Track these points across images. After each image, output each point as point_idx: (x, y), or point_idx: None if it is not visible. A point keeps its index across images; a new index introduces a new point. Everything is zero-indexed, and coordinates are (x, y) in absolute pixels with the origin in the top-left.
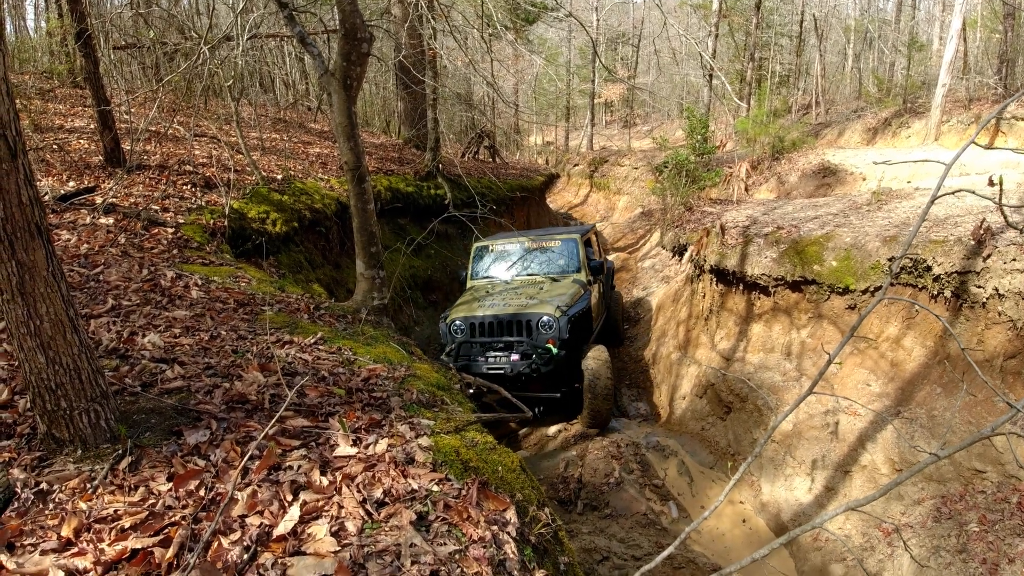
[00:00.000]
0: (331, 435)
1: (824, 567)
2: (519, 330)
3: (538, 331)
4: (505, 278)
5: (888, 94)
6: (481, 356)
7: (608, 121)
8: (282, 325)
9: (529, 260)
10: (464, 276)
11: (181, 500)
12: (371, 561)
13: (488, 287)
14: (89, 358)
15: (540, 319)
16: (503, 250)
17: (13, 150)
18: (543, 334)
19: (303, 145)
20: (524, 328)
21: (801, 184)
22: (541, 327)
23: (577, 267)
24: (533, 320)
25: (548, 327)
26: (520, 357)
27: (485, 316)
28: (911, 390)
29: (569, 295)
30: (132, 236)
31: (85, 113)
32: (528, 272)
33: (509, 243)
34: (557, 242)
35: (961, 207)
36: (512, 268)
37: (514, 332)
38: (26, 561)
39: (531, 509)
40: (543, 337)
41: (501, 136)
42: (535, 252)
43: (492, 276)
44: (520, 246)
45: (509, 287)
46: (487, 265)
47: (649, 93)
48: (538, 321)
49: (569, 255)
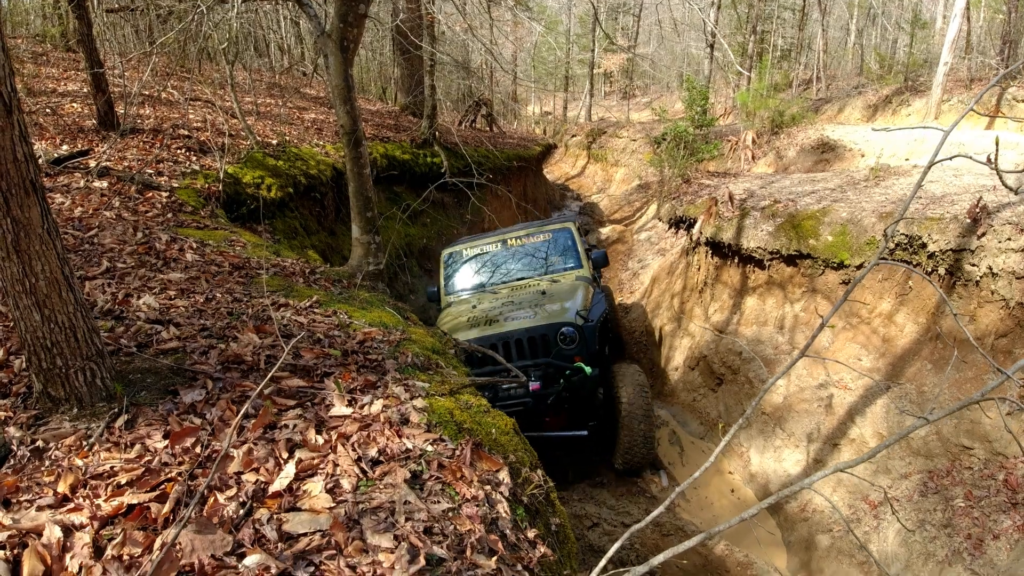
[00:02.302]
0: (327, 395)
1: (811, 537)
2: (532, 349)
3: (559, 347)
4: (490, 288)
5: (889, 71)
6: (490, 391)
7: (607, 92)
8: (277, 288)
9: (516, 261)
10: (434, 293)
11: (177, 457)
12: (365, 517)
13: (472, 301)
14: (84, 316)
15: (560, 332)
16: (481, 253)
17: (8, 106)
18: (566, 350)
19: (298, 111)
20: (539, 345)
21: (799, 159)
22: (563, 342)
23: (577, 261)
24: (551, 334)
25: (572, 341)
26: (542, 384)
27: (484, 337)
28: (902, 366)
29: (581, 297)
30: (126, 200)
31: (78, 77)
32: (518, 276)
33: (487, 243)
34: (547, 235)
35: (958, 186)
36: (497, 274)
37: (526, 353)
38: (22, 517)
39: (524, 471)
40: (566, 354)
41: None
42: (522, 250)
43: (471, 288)
44: (502, 244)
45: (500, 298)
46: (463, 276)
47: (650, 62)
48: (557, 334)
49: (565, 249)
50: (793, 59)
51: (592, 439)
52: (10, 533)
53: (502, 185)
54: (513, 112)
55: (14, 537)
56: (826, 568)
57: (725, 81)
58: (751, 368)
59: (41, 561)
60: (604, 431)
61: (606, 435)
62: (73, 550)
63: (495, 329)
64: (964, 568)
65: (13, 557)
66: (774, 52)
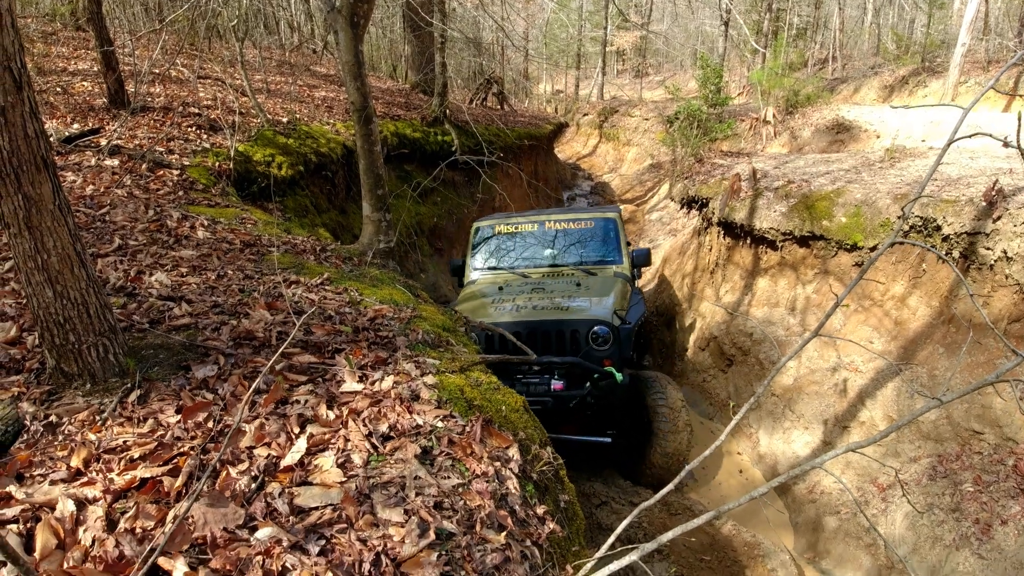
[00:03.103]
0: (337, 371)
1: (818, 519)
2: (559, 344)
3: (589, 346)
4: (520, 271)
5: (906, 52)
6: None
7: (620, 70)
8: (288, 266)
9: (552, 245)
10: (460, 265)
11: (190, 432)
12: (376, 492)
13: (499, 282)
14: (97, 292)
15: (591, 329)
16: (516, 232)
17: (18, 82)
18: (596, 351)
19: (308, 88)
20: (567, 341)
21: (814, 139)
22: (593, 341)
23: (617, 256)
24: (581, 330)
25: (604, 341)
26: (565, 384)
27: (508, 323)
28: (914, 349)
29: (618, 294)
30: (137, 178)
31: (88, 55)
32: (552, 262)
33: (524, 222)
34: (589, 223)
35: (974, 168)
36: (530, 257)
37: (552, 347)
38: (35, 491)
39: (533, 448)
40: (595, 355)
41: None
42: (560, 234)
43: (500, 267)
44: (539, 227)
45: (530, 283)
46: (494, 252)
47: (664, 40)
48: (588, 332)
49: (606, 240)
50: (809, 38)
51: (614, 448)
52: (23, 507)
53: (513, 164)
54: (524, 90)
55: (27, 511)
56: (833, 550)
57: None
58: (761, 349)
59: (54, 534)
60: (629, 442)
61: (631, 446)
62: (86, 523)
63: (521, 315)
64: (971, 553)
65: (26, 531)
66: (789, 31)
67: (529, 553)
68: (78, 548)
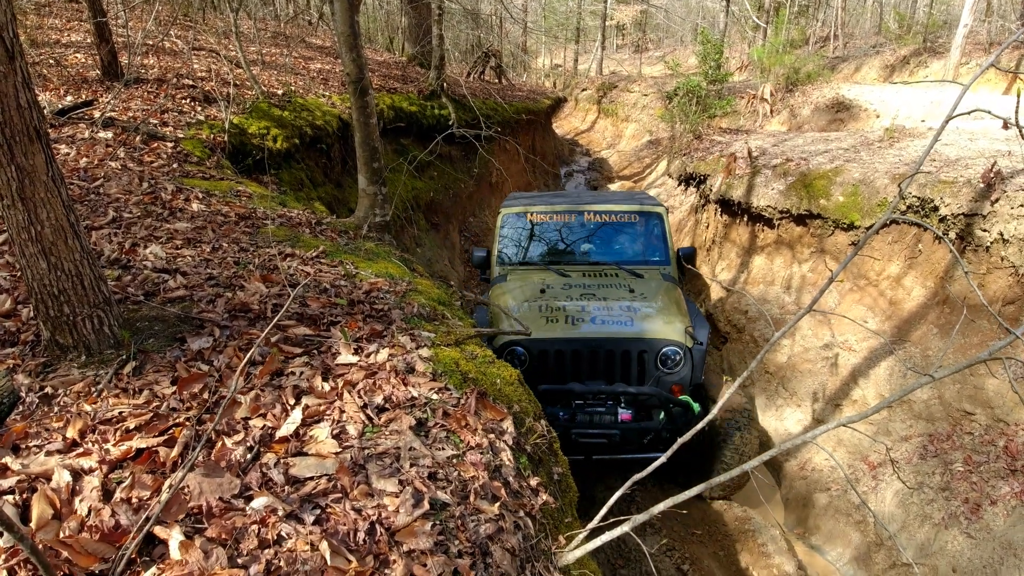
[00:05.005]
0: (333, 344)
1: (808, 495)
2: (624, 366)
3: (658, 370)
4: (558, 268)
5: (908, 31)
6: (564, 411)
7: (619, 45)
8: (284, 239)
9: (590, 239)
10: (484, 256)
11: (185, 403)
12: (371, 463)
13: (537, 282)
14: (91, 264)
15: (662, 351)
16: (550, 222)
17: (10, 52)
18: (667, 376)
19: (304, 60)
20: (632, 364)
21: (814, 118)
22: (663, 364)
23: (664, 256)
24: (650, 352)
25: (675, 364)
26: (634, 415)
27: (561, 339)
28: (908, 329)
29: (682, 307)
30: (131, 150)
31: (81, 28)
32: (592, 259)
33: (559, 210)
34: (634, 216)
35: (973, 150)
36: (566, 250)
37: (616, 369)
38: (31, 462)
39: (527, 421)
40: (665, 380)
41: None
42: (600, 227)
43: (535, 262)
44: (578, 217)
45: (576, 285)
46: (525, 244)
47: (664, 14)
48: (658, 354)
49: (651, 237)
50: (810, 15)
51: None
52: (19, 478)
53: (510, 139)
54: (523, 64)
55: (23, 482)
56: (823, 525)
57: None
58: (756, 327)
59: (50, 505)
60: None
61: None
62: (82, 494)
63: (579, 330)
64: (960, 531)
65: (22, 501)
66: (791, 7)
67: (522, 523)
68: (74, 518)
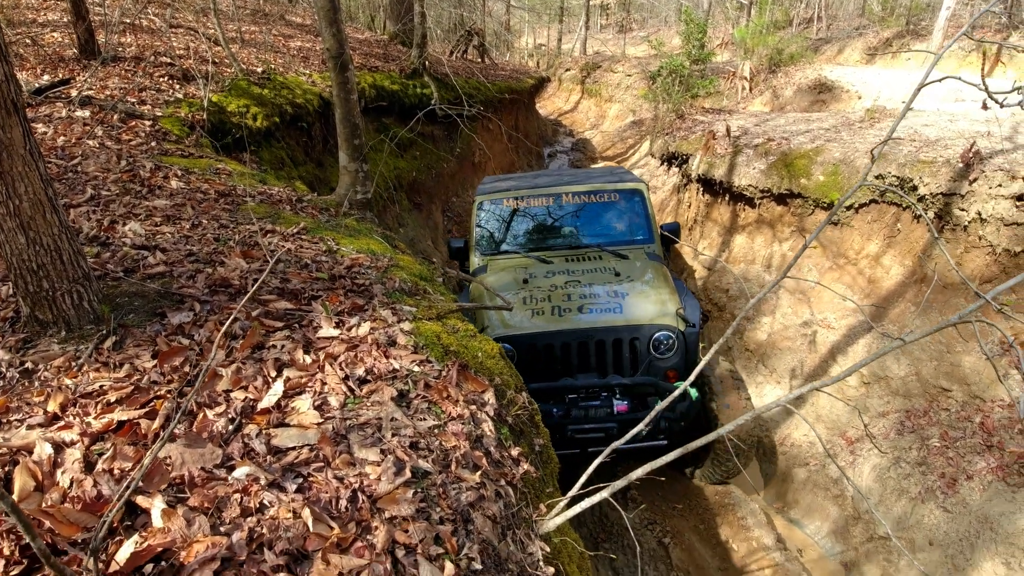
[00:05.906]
0: (314, 317)
1: (787, 470)
2: (616, 354)
3: (652, 356)
4: (539, 254)
5: (892, 14)
6: (558, 407)
7: (603, 25)
8: (264, 216)
9: (570, 220)
10: (461, 247)
11: (166, 376)
12: (353, 433)
13: (518, 270)
14: (70, 239)
15: (654, 336)
16: (528, 204)
17: None
18: (660, 362)
19: (284, 38)
20: (625, 352)
21: (796, 99)
22: (655, 349)
23: (647, 234)
24: (642, 337)
25: (668, 349)
26: (630, 406)
27: (551, 332)
28: (886, 307)
29: (669, 287)
30: (109, 128)
31: (58, 6)
32: (573, 242)
33: (536, 193)
34: (613, 195)
35: (953, 131)
36: (546, 234)
37: (607, 358)
38: (12, 436)
39: (509, 393)
40: (658, 367)
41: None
42: (579, 208)
43: (514, 249)
44: (556, 200)
45: (558, 271)
46: (503, 231)
47: None
48: (651, 340)
49: (633, 215)
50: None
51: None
52: (1, 451)
53: (493, 118)
54: (506, 43)
55: (5, 455)
56: (801, 500)
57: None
58: (737, 305)
59: (32, 477)
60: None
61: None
62: (64, 466)
63: (566, 320)
64: (936, 506)
65: (4, 474)
66: None
67: (503, 492)
68: (56, 489)
